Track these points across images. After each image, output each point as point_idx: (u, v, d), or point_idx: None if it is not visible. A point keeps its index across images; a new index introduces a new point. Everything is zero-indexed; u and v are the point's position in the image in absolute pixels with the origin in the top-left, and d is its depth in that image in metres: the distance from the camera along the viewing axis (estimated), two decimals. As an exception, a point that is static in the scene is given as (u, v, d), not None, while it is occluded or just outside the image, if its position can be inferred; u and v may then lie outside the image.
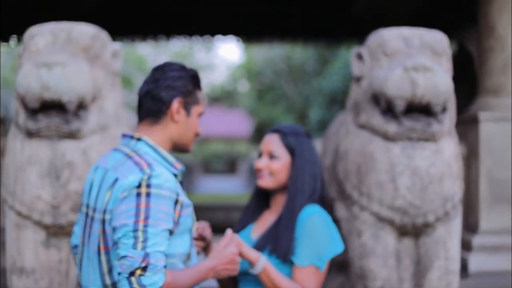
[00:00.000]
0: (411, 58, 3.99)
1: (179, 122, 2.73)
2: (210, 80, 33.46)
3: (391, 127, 4.03)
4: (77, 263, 2.83)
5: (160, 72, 2.77)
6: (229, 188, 25.22)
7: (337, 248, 2.92)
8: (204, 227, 3.04)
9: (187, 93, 2.75)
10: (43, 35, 4.04)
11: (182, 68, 2.81)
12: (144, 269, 2.38)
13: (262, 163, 3.08)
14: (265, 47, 21.67)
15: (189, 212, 2.65)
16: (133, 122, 4.60)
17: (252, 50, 26.07)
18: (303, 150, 3.05)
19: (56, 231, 4.06)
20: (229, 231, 2.81)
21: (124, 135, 2.74)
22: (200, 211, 10.17)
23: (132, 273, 2.38)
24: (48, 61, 3.81)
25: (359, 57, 4.36)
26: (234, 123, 36.32)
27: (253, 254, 2.83)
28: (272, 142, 3.08)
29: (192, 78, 2.80)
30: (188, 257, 2.69)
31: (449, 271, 4.17)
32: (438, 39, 4.16)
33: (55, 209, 3.97)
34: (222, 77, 33.98)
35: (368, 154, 4.14)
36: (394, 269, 4.13)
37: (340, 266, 5.29)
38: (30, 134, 3.98)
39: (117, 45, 4.31)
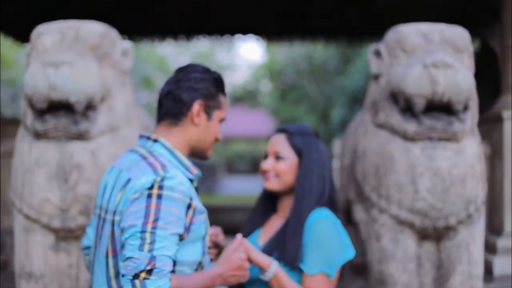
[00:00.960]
0: (431, 54, 3.83)
1: (199, 126, 2.65)
2: (232, 80, 33.35)
3: (411, 127, 3.87)
4: (90, 267, 2.78)
5: (183, 73, 2.69)
6: (252, 188, 25.05)
7: (348, 254, 2.76)
8: (217, 233, 2.93)
9: (209, 96, 2.67)
10: (51, 34, 3.93)
11: (206, 70, 2.73)
12: (149, 272, 2.29)
13: (267, 164, 2.94)
14: (287, 46, 21.51)
15: (202, 219, 2.55)
16: (146, 123, 4.50)
17: (274, 49, 25.94)
18: (311, 151, 2.90)
19: (65, 235, 3.95)
20: (238, 236, 2.68)
21: (141, 136, 2.67)
22: (221, 212, 10.08)
23: (136, 276, 2.29)
24: (55, 61, 3.70)
25: (377, 54, 4.22)
26: (256, 123, 36.21)
27: (263, 259, 2.69)
28: (278, 142, 2.94)
29: (216, 81, 2.72)
30: (200, 265, 2.59)
31: (472, 276, 4.01)
32: (459, 34, 3.99)
33: (63, 212, 3.87)
34: (244, 77, 33.92)
35: (387, 154, 3.99)
36: (414, 274, 3.97)
37: (359, 269, 5.17)
38: (38, 135, 3.88)
39: (127, 44, 4.19)
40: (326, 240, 2.72)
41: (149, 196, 2.38)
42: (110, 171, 2.65)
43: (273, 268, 2.68)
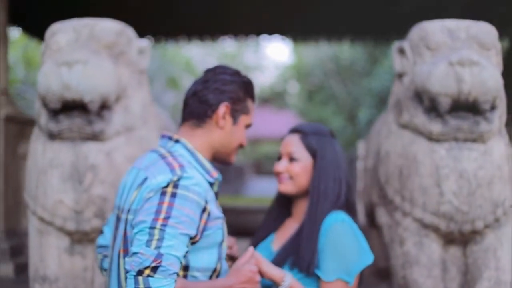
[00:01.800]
0: (457, 52, 3.68)
1: (224, 129, 2.58)
2: (259, 81, 33.26)
3: (436, 127, 3.73)
4: (102, 267, 2.78)
5: (211, 73, 2.63)
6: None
7: (366, 259, 2.62)
8: (231, 245, 2.83)
9: (236, 100, 2.60)
10: (65, 32, 3.84)
11: (235, 73, 2.66)
12: (154, 270, 2.21)
13: (281, 166, 2.82)
14: (315, 47, 21.38)
15: (218, 224, 2.47)
16: (165, 123, 4.41)
17: (302, 50, 25.83)
18: (326, 151, 2.77)
19: (80, 238, 3.87)
20: (250, 248, 2.56)
21: (162, 136, 2.62)
22: (248, 214, 10.00)
23: (140, 272, 2.21)
24: (69, 59, 3.61)
25: (401, 52, 4.08)
26: (284, 124, 35.99)
27: (276, 272, 2.56)
28: (292, 143, 2.82)
29: (245, 85, 2.65)
30: (216, 273, 2.49)
31: (500, 282, 3.85)
32: (485, 31, 3.83)
33: (78, 214, 3.78)
34: (271, 78, 33.81)
35: (411, 156, 3.85)
36: (439, 280, 3.83)
37: (383, 274, 5.03)
38: (52, 136, 3.80)
39: (143, 42, 4.09)
40: (343, 245, 2.60)
41: (163, 194, 2.31)
42: (130, 171, 2.60)
43: (287, 281, 2.56)
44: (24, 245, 5.72)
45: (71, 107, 3.70)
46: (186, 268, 2.40)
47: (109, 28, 3.87)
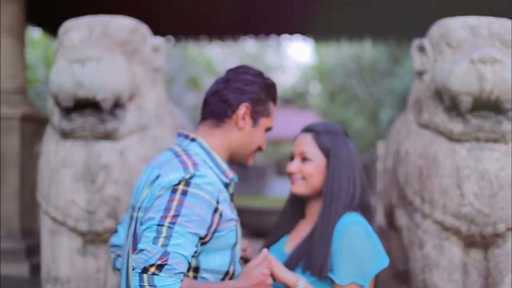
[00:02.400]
0: (478, 49, 3.57)
1: (243, 130, 2.53)
2: (281, 82, 33.16)
3: (456, 126, 3.62)
4: (119, 267, 2.70)
5: (234, 73, 2.58)
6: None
7: (382, 262, 2.53)
8: (245, 248, 2.75)
9: (257, 101, 2.54)
10: (78, 29, 3.78)
11: (258, 74, 2.60)
12: (160, 268, 2.14)
13: (293, 166, 2.73)
14: (336, 47, 21.29)
15: (232, 226, 2.41)
16: (181, 122, 4.34)
17: (324, 50, 25.74)
18: (339, 151, 2.68)
19: (93, 238, 3.81)
20: (264, 250, 2.48)
21: (179, 134, 2.58)
22: (268, 215, 9.92)
23: (145, 270, 2.15)
24: (82, 57, 3.54)
25: (421, 49, 3.97)
26: (305, 125, 35.81)
27: (289, 276, 2.47)
28: (305, 142, 2.73)
29: (267, 87, 2.59)
30: (229, 276, 2.43)
31: (523, 286, 3.74)
32: (508, 28, 3.70)
33: (90, 215, 3.72)
34: (293, 79, 33.70)
35: (431, 156, 3.74)
36: (460, 284, 3.72)
37: (402, 277, 4.93)
38: (65, 135, 3.74)
39: (158, 40, 4.01)
40: (357, 247, 2.50)
41: (174, 191, 2.26)
42: (145, 170, 2.55)
43: (301, 285, 2.47)
44: (40, 245, 5.68)
45: (84, 105, 3.64)
46: (196, 269, 2.35)
47: (123, 25, 3.80)
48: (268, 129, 2.64)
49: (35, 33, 15.89)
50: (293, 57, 43.56)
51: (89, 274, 3.83)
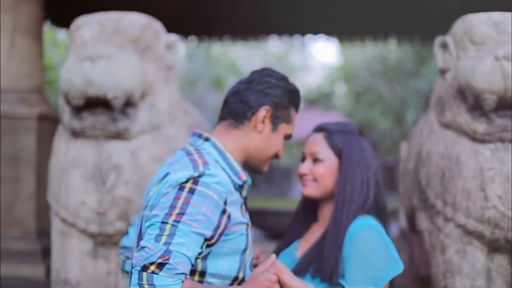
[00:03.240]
0: (503, 46, 3.42)
1: (261, 134, 2.43)
2: (307, 82, 33.02)
3: (480, 126, 3.47)
4: (127, 270, 2.63)
5: (257, 75, 2.50)
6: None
7: (396, 268, 2.40)
8: (258, 256, 2.64)
9: (278, 105, 2.46)
10: (90, 26, 3.69)
11: (282, 78, 2.51)
12: (160, 267, 2.04)
13: (304, 167, 2.60)
14: (362, 48, 21.13)
15: (242, 230, 2.32)
16: (197, 121, 4.23)
17: (349, 51, 25.59)
18: (352, 151, 2.55)
19: (104, 241, 3.71)
20: (273, 256, 2.36)
21: (193, 134, 2.49)
22: (290, 217, 9.84)
23: (145, 268, 2.05)
24: (92, 54, 3.45)
25: (444, 46, 3.83)
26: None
27: (297, 284, 2.34)
28: (316, 142, 2.60)
29: (290, 93, 2.50)
30: (237, 282, 2.34)
31: (549, 293, 3.58)
32: (535, 23, 3.56)
33: (101, 216, 3.62)
34: (318, 79, 33.53)
35: (453, 157, 3.59)
36: (483, 290, 3.57)
37: (424, 282, 4.79)
38: (75, 134, 3.65)
39: (172, 37, 3.90)
40: (370, 252, 2.37)
41: (181, 189, 2.17)
42: (158, 170, 2.46)
43: None
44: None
45: (95, 104, 3.55)
46: (202, 273, 2.26)
47: (134, 21, 3.71)
48: (287, 137, 2.55)
49: (59, 34, 15.92)
50: (318, 57, 43.38)
51: (99, 277, 3.74)
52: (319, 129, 2.64)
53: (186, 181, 2.19)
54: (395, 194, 6.62)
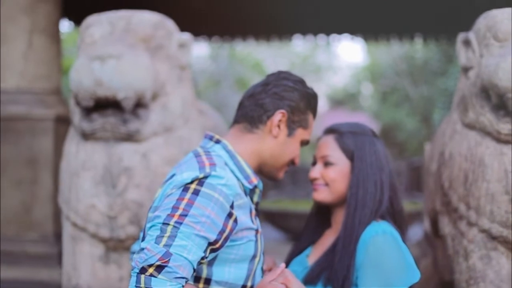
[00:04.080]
0: (528, 42, 3.27)
1: (277, 139, 2.34)
2: (333, 82, 32.87)
3: (505, 127, 3.32)
4: None
5: (274, 77, 2.41)
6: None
7: (412, 277, 2.26)
8: (271, 266, 2.53)
9: (295, 109, 2.36)
10: (100, 25, 3.60)
11: (299, 81, 2.41)
12: (159, 269, 1.94)
13: (315, 172, 2.49)
14: (388, 47, 20.95)
15: (250, 236, 2.22)
16: (212, 123, 4.13)
17: (375, 51, 25.40)
18: (365, 153, 2.42)
19: (116, 245, 3.61)
20: (282, 265, 2.26)
21: (205, 136, 2.41)
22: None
23: (143, 270, 1.95)
24: (102, 54, 3.36)
25: (467, 43, 3.68)
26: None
27: None
28: (326, 145, 2.48)
29: (307, 97, 2.40)
30: None
31: None
32: (562, 18, 3.41)
33: (111, 220, 3.52)
34: (344, 79, 33.36)
35: (477, 158, 3.44)
36: (509, 298, 3.42)
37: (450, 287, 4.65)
38: (85, 136, 3.56)
39: (185, 35, 3.79)
40: (385, 260, 2.24)
41: (185, 190, 2.08)
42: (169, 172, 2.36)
43: None
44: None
45: (105, 105, 3.45)
46: (207, 280, 2.18)
47: (146, 20, 3.60)
48: (304, 143, 2.45)
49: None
50: (344, 57, 43.20)
51: (111, 283, 3.64)
52: (329, 130, 2.53)
53: (191, 182, 2.10)
54: (421, 195, 6.48)
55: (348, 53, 45.56)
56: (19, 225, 5.64)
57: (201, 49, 23.77)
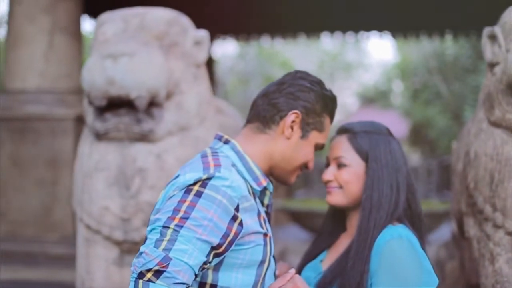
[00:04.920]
0: (557, 36, 3.13)
1: (289, 141, 2.22)
2: (363, 80, 32.67)
3: (531, 125, 3.18)
4: None
5: (290, 77, 2.30)
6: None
7: (429, 284, 2.13)
8: (283, 271, 2.41)
9: (310, 111, 2.24)
10: (113, 22, 3.52)
11: (317, 82, 2.29)
12: (157, 274, 1.85)
13: (328, 174, 2.36)
14: (419, 44, 20.73)
15: (258, 240, 2.11)
16: (231, 122, 4.03)
17: (406, 48, 25.18)
18: (379, 153, 2.30)
19: (130, 248, 3.53)
20: (291, 270, 2.15)
21: (215, 136, 2.31)
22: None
23: (141, 275, 1.87)
24: (114, 52, 3.28)
25: (492, 38, 3.54)
26: (390, 124, 35.30)
27: None
28: (339, 146, 2.36)
29: (324, 98, 2.28)
30: None
31: None
32: None
33: (125, 222, 3.44)
34: (375, 77, 33.15)
35: (503, 158, 3.30)
36: (537, 304, 3.28)
37: (475, 291, 4.52)
38: (99, 136, 3.48)
39: (201, 32, 3.70)
40: (400, 266, 2.12)
41: (187, 191, 1.99)
42: None
43: None
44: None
45: (118, 104, 3.37)
46: (213, 286, 2.08)
47: (160, 17, 3.52)
48: (319, 147, 2.33)
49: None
50: (374, 55, 42.97)
51: (126, 287, 3.55)
52: (342, 130, 2.41)
53: (194, 184, 2.00)
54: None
55: (378, 50, 45.34)
56: (39, 226, 5.62)
57: (229, 48, 23.76)
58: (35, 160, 5.63)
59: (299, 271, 2.46)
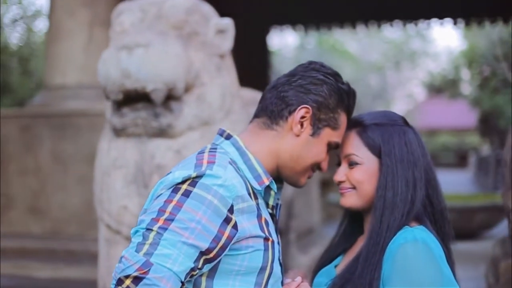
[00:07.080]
0: None
1: (298, 138, 2.01)
2: (429, 68, 32.08)
3: None
4: None
5: (302, 68, 2.08)
6: (459, 185, 23.26)
7: None
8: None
9: (323, 105, 2.02)
10: (130, 13, 3.39)
11: (332, 74, 2.06)
12: (136, 281, 1.70)
13: (340, 174, 2.12)
14: (486, 31, 20.14)
15: (257, 245, 1.92)
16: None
17: (473, 35, 24.54)
18: (393, 146, 2.04)
19: (152, 249, 3.37)
20: (298, 278, 1.98)
21: (218, 131, 2.12)
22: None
23: (120, 281, 1.71)
24: (129, 43, 3.14)
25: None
26: (459, 114, 34.85)
27: None
28: (349, 142, 2.12)
29: (340, 93, 2.05)
30: None
31: None
32: None
33: (144, 222, 3.28)
34: (441, 65, 32.52)
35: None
36: None
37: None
38: (117, 132, 3.34)
39: (224, 20, 3.50)
40: (415, 272, 1.89)
41: (174, 190, 1.83)
42: None
43: None
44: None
45: (136, 98, 3.23)
46: None
47: (178, 5, 3.35)
48: (332, 146, 2.10)
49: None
50: (440, 42, 42.25)
51: (148, 288, 3.41)
52: (352, 123, 2.16)
53: (182, 182, 1.82)
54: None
55: (444, 38, 44.57)
56: (80, 224, 5.54)
57: (289, 39, 23.56)
58: (75, 156, 5.56)
59: (313, 277, 2.26)
